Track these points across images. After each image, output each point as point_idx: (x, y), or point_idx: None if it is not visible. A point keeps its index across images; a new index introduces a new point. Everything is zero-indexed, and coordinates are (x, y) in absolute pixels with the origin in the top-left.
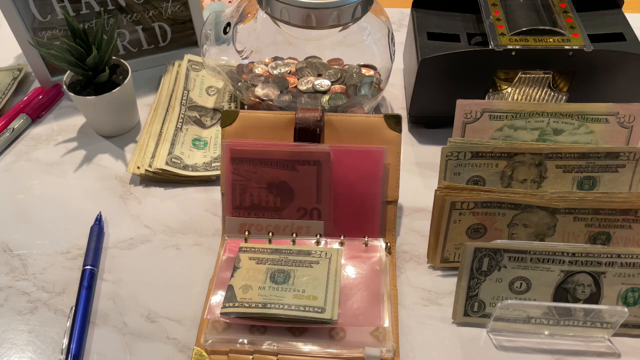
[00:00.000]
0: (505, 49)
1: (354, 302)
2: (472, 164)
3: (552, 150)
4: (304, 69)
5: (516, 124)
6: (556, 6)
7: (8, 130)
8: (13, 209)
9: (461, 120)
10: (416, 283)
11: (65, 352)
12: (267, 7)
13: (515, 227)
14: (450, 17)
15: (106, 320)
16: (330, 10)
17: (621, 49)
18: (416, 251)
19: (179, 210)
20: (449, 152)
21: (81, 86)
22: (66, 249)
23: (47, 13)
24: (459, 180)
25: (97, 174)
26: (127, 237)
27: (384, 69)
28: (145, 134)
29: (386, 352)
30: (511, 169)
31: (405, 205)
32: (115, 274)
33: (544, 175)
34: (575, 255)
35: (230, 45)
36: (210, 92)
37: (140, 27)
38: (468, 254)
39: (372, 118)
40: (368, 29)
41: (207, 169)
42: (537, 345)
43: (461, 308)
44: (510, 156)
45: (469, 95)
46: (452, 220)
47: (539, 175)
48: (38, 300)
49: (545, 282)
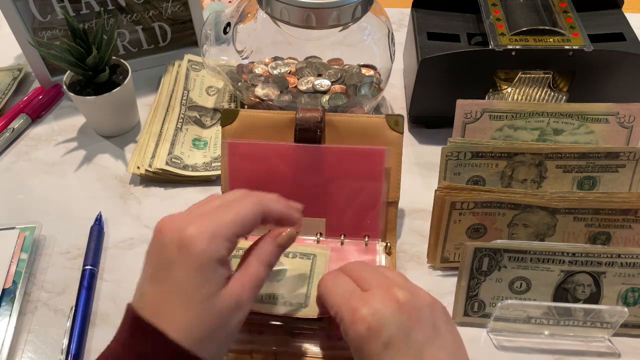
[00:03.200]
0: (505, 49)
1: None
2: (472, 164)
3: (552, 150)
4: (304, 69)
5: (516, 124)
6: (556, 6)
7: (8, 130)
8: (13, 209)
9: (461, 120)
10: (416, 283)
11: (65, 352)
12: (267, 7)
13: (515, 227)
14: (450, 17)
15: (106, 320)
16: (330, 10)
17: (621, 49)
18: (416, 251)
19: (179, 210)
20: (449, 152)
21: (81, 86)
22: (66, 249)
23: (47, 13)
24: (459, 180)
25: (97, 174)
26: (127, 237)
27: (384, 69)
28: (145, 134)
29: None
30: (511, 169)
31: (405, 205)
32: (115, 274)
33: (544, 175)
34: (575, 255)
35: (230, 45)
36: (210, 92)
37: (140, 27)
38: (468, 254)
39: (374, 118)
40: (368, 29)
41: (207, 169)
42: (537, 345)
43: (461, 308)
44: (510, 156)
45: (469, 95)
46: (452, 220)
47: (539, 175)
48: (38, 300)
49: (545, 282)
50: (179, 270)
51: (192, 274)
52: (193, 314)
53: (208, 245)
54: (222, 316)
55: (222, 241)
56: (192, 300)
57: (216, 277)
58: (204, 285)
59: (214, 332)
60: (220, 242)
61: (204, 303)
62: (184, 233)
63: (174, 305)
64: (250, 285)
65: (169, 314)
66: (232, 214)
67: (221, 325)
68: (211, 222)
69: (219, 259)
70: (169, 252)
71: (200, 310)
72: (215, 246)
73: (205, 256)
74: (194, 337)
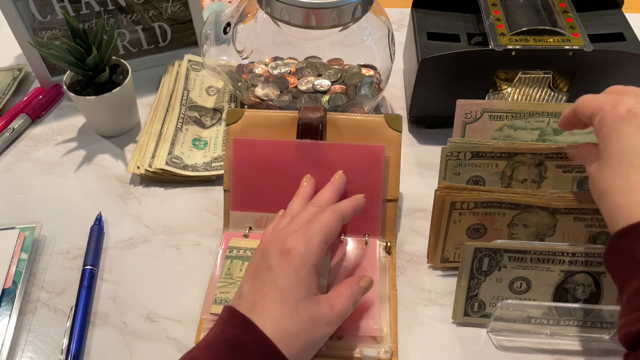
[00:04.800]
0: (505, 49)
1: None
2: (472, 164)
3: (552, 150)
4: (304, 69)
5: (516, 124)
6: (556, 6)
7: (8, 130)
8: (13, 209)
9: (461, 120)
10: (416, 283)
11: (65, 352)
12: (267, 7)
13: (515, 227)
14: (450, 17)
15: (106, 320)
16: (330, 10)
17: (621, 49)
18: (416, 251)
19: (179, 210)
20: (449, 152)
21: (81, 86)
22: (66, 249)
23: (47, 13)
24: (459, 180)
25: (97, 174)
26: (127, 237)
27: (384, 69)
28: (145, 134)
29: (384, 353)
30: (511, 169)
31: (405, 205)
32: (115, 274)
33: (544, 175)
34: (575, 255)
35: (230, 45)
36: (210, 92)
37: (140, 27)
38: (468, 254)
39: (373, 118)
40: (368, 29)
41: (207, 169)
42: (537, 345)
43: (461, 308)
44: (510, 156)
45: (469, 95)
46: (452, 220)
47: (539, 175)
48: (38, 300)
49: (545, 282)
50: (278, 272)
51: (290, 275)
52: (286, 311)
53: (305, 252)
54: (312, 318)
55: (314, 248)
56: (288, 298)
57: (310, 280)
58: (299, 287)
59: (301, 333)
60: (313, 249)
61: (297, 302)
62: (285, 244)
63: (270, 301)
64: (346, 299)
65: (264, 307)
66: (319, 225)
67: (310, 328)
68: (304, 234)
69: (313, 264)
70: (270, 259)
71: (293, 308)
72: (310, 252)
73: (302, 260)
74: (282, 332)
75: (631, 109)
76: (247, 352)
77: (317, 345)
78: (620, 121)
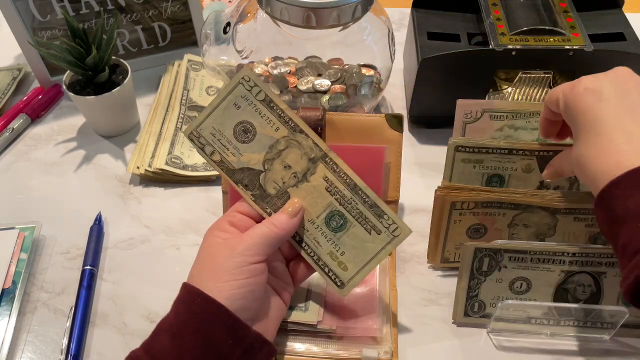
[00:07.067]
0: (505, 48)
1: (349, 302)
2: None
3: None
4: (304, 69)
5: (516, 124)
6: (556, 6)
7: (8, 130)
8: (13, 209)
9: (461, 120)
10: (416, 283)
11: (65, 352)
12: (267, 7)
13: (515, 227)
14: (450, 17)
15: (106, 320)
16: (330, 10)
17: (621, 49)
18: (416, 251)
19: (178, 210)
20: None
21: (81, 86)
22: (66, 249)
23: (46, 13)
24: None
25: (97, 174)
26: (127, 237)
27: (384, 69)
28: (145, 133)
29: (384, 353)
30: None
31: (405, 205)
32: (115, 274)
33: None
34: (575, 255)
35: (230, 45)
36: (210, 92)
37: (140, 27)
38: (468, 254)
39: (374, 118)
40: (368, 29)
41: (207, 169)
42: (537, 345)
43: (461, 308)
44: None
45: (469, 95)
46: (452, 220)
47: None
48: (37, 300)
49: (545, 282)
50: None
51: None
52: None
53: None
54: (236, 265)
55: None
56: (221, 269)
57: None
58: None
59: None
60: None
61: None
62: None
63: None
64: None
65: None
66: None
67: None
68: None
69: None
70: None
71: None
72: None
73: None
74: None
75: (587, 86)
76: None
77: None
78: (579, 97)
